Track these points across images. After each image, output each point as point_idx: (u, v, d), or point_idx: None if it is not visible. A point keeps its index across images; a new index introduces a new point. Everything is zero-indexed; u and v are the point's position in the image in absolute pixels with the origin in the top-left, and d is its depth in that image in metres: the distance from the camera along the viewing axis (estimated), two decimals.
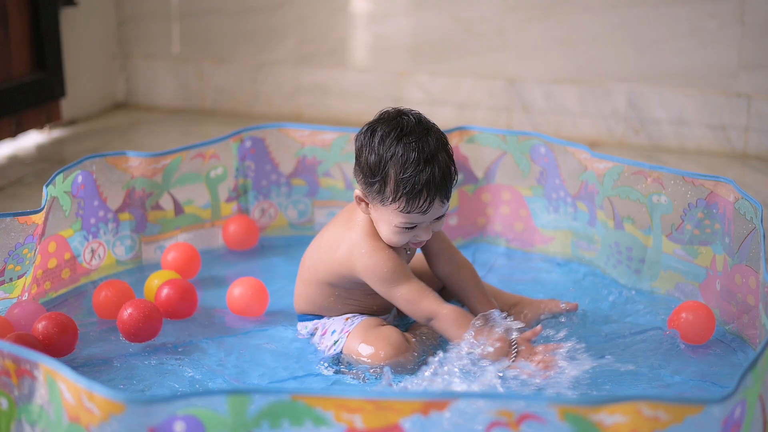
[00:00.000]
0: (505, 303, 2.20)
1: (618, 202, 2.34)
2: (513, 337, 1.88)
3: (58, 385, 1.45)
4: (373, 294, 2.03)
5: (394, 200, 1.90)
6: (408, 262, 2.09)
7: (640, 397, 1.33)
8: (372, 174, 1.91)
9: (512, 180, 2.55)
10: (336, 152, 2.57)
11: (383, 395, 1.35)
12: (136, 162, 2.38)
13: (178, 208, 2.47)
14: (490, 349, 1.83)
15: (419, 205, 1.89)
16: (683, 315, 2.10)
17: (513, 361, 1.85)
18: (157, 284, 2.22)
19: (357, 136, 1.98)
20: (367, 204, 1.97)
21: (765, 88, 3.34)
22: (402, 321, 2.18)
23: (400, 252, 2.01)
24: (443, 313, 1.91)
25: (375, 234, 1.98)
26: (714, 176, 2.19)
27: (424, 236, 1.95)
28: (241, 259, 2.52)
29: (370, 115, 2.01)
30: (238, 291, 2.21)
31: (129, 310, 2.04)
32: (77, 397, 1.41)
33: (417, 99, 3.65)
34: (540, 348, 1.88)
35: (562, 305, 2.20)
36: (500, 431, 1.35)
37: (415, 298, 1.94)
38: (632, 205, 2.32)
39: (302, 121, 3.73)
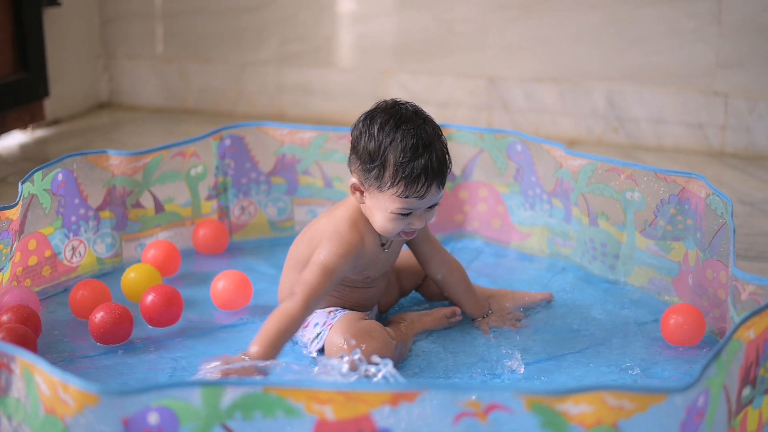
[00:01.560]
0: (481, 296, 2.24)
1: (592, 198, 2.37)
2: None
3: (35, 377, 1.47)
4: (354, 288, 2.06)
5: (392, 185, 1.93)
6: (392, 263, 2.12)
7: (605, 386, 1.36)
8: (371, 160, 1.94)
9: (489, 177, 2.58)
10: (315, 150, 2.60)
11: (353, 387, 1.37)
12: (116, 160, 2.40)
13: (159, 206, 2.50)
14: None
15: (417, 190, 1.92)
16: (675, 319, 2.10)
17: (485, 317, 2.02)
18: (134, 277, 2.25)
19: (355, 125, 2.01)
20: (362, 193, 1.99)
21: (742, 86, 3.38)
22: (382, 317, 2.21)
23: (375, 250, 2.03)
24: (290, 308, 1.89)
25: (356, 222, 2.01)
26: (686, 172, 2.22)
27: (418, 224, 1.98)
28: (220, 258, 2.54)
29: (353, 113, 2.04)
30: (221, 284, 2.23)
31: (100, 314, 2.05)
32: (53, 389, 1.43)
33: (399, 98, 3.67)
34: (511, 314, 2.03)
35: (539, 297, 2.26)
36: (468, 421, 1.37)
37: (305, 288, 1.92)
38: (606, 202, 2.35)
39: (285, 121, 3.75)
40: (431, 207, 1.99)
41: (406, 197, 1.93)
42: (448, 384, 1.38)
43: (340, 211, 2.05)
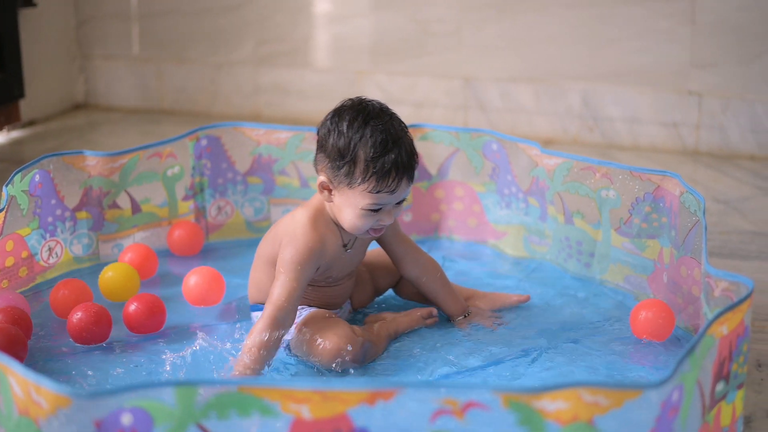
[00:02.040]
0: (455, 300, 2.24)
1: (568, 197, 2.38)
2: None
3: (8, 379, 1.46)
4: (318, 288, 2.07)
5: (363, 180, 1.93)
6: (356, 263, 2.13)
7: (581, 383, 1.37)
8: (341, 156, 1.95)
9: (465, 176, 2.59)
10: (291, 151, 2.60)
11: (330, 386, 1.38)
12: (93, 161, 2.40)
13: (136, 207, 2.49)
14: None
15: (388, 185, 1.93)
16: (644, 314, 2.11)
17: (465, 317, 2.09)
18: (111, 276, 2.24)
19: (322, 123, 2.01)
20: (330, 191, 2.00)
21: (716, 86, 3.40)
22: (356, 316, 2.21)
23: (337, 250, 2.04)
24: (266, 321, 1.91)
25: (317, 220, 2.02)
26: (660, 171, 2.24)
27: (387, 220, 1.99)
28: (196, 259, 2.54)
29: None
30: (193, 281, 2.23)
31: (78, 314, 2.05)
32: (26, 391, 1.43)
33: (375, 98, 3.67)
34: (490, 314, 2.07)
35: (514, 298, 2.26)
36: (445, 419, 1.38)
37: (280, 294, 1.94)
38: (582, 200, 2.37)
39: (261, 121, 3.75)
40: (399, 203, 2.00)
41: (377, 192, 1.94)
42: (425, 382, 1.39)
43: (300, 212, 2.05)
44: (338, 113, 1.99)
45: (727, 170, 3.31)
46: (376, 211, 1.97)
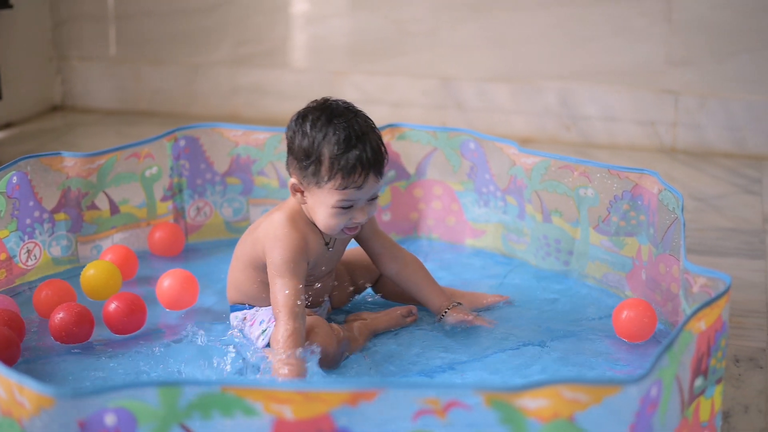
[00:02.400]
0: (436, 298, 2.24)
1: (546, 195, 2.39)
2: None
3: None
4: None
5: (330, 178, 1.94)
6: (336, 261, 2.13)
7: (560, 380, 1.38)
8: (306, 157, 1.96)
9: (443, 175, 2.59)
10: (269, 151, 2.60)
11: (312, 386, 1.38)
12: (71, 162, 2.39)
13: (114, 208, 2.49)
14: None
15: (354, 180, 1.94)
16: (626, 313, 2.11)
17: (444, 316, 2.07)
18: (93, 274, 2.24)
19: (288, 126, 2.03)
20: (302, 193, 2.00)
21: (692, 84, 3.43)
22: (334, 315, 2.22)
23: (319, 248, 2.05)
24: (283, 326, 1.92)
25: (296, 221, 2.02)
26: (638, 169, 2.25)
27: (360, 217, 1.99)
28: (176, 260, 2.54)
29: None
30: (167, 283, 2.22)
31: (60, 314, 2.05)
32: (9, 392, 1.43)
33: (352, 98, 3.63)
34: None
35: (494, 298, 2.26)
36: (427, 419, 1.38)
37: (283, 297, 1.95)
38: (560, 199, 2.38)
39: (239, 122, 3.75)
40: (372, 200, 2.00)
41: (344, 189, 1.94)
42: (407, 382, 1.40)
43: (277, 214, 2.05)
44: (302, 115, 2.01)
45: (704, 168, 3.33)
46: (347, 208, 1.98)
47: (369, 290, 2.33)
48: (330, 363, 1.95)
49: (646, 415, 1.44)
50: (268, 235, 2.02)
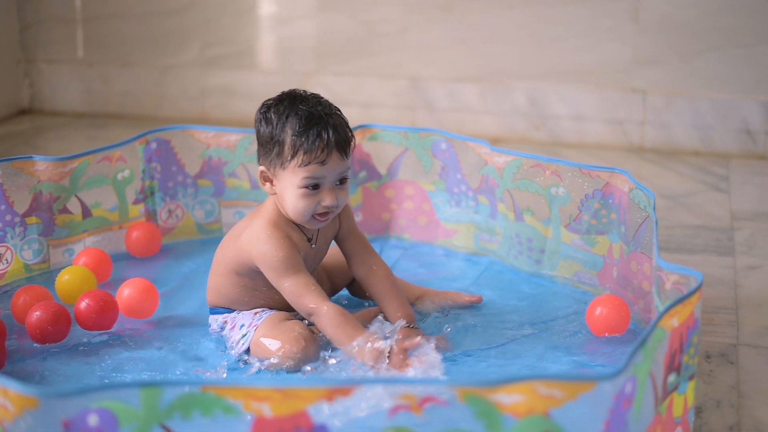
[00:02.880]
0: (410, 295, 2.26)
1: (518, 194, 2.41)
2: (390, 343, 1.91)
3: None
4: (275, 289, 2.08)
5: (293, 156, 1.96)
6: (319, 260, 2.14)
7: (536, 376, 1.39)
8: (270, 139, 1.99)
9: (415, 175, 2.61)
10: (241, 153, 2.61)
11: (289, 383, 1.39)
12: (42, 166, 2.38)
13: (86, 212, 2.48)
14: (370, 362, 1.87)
15: (317, 156, 1.95)
16: (600, 310, 2.12)
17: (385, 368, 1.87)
18: (68, 279, 2.24)
19: (255, 119, 2.06)
20: (271, 182, 2.02)
21: (659, 83, 3.46)
22: None
23: (304, 246, 2.05)
24: (323, 311, 1.95)
25: (277, 223, 2.03)
26: (609, 168, 2.27)
27: (328, 200, 1.99)
28: (152, 261, 2.53)
29: None
30: (126, 292, 2.20)
31: (37, 313, 2.05)
32: None
33: None
34: (411, 360, 1.87)
35: (467, 298, 2.27)
36: (403, 414, 1.40)
37: (300, 292, 1.97)
38: (531, 197, 2.40)
39: (209, 124, 3.75)
40: (341, 183, 2.01)
41: (307, 165, 1.96)
42: (383, 378, 1.41)
43: (257, 221, 2.05)
44: (266, 104, 2.05)
45: (672, 166, 3.36)
46: (314, 189, 1.98)
47: (344, 291, 2.34)
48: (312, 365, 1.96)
49: (621, 410, 1.46)
50: (253, 243, 2.02)
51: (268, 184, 2.04)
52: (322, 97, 2.05)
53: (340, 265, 2.28)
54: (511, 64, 3.57)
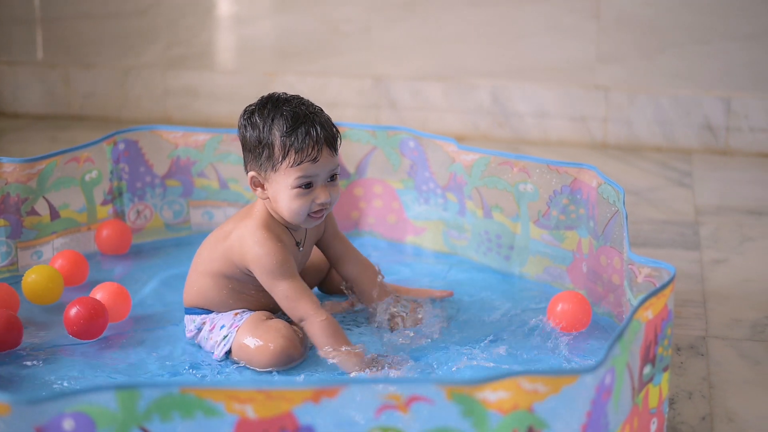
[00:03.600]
0: (382, 292, 2.27)
1: (486, 191, 2.42)
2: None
3: None
4: (263, 291, 2.08)
5: (284, 157, 1.96)
6: (305, 263, 2.14)
7: (520, 372, 1.40)
8: (258, 143, 1.99)
9: (383, 174, 2.61)
10: (209, 153, 2.60)
11: (273, 385, 1.39)
12: (10, 168, 2.36)
13: (54, 213, 2.47)
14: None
15: (308, 154, 1.96)
16: (561, 306, 2.15)
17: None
18: (34, 279, 2.23)
19: (238, 125, 2.06)
20: (262, 187, 2.02)
21: (621, 80, 3.49)
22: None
23: (293, 249, 2.06)
24: (318, 320, 1.96)
25: (269, 225, 2.03)
26: (577, 164, 2.29)
27: (323, 197, 2.00)
28: (124, 259, 2.52)
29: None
30: (99, 296, 2.18)
31: None
32: None
33: None
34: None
35: (437, 293, 2.29)
36: (390, 414, 1.40)
37: (294, 296, 1.99)
38: (500, 194, 2.41)
39: (172, 124, 3.73)
40: (332, 180, 2.02)
41: (299, 164, 1.96)
42: (369, 378, 1.41)
43: (249, 222, 2.05)
44: (249, 110, 2.04)
45: (635, 162, 3.39)
46: (307, 188, 1.99)
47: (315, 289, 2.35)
48: (294, 363, 1.96)
49: (602, 402, 1.47)
50: (247, 245, 2.01)
51: (259, 189, 2.03)
52: (303, 98, 2.06)
53: (314, 264, 2.29)
54: (474, 63, 3.58)
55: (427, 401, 1.40)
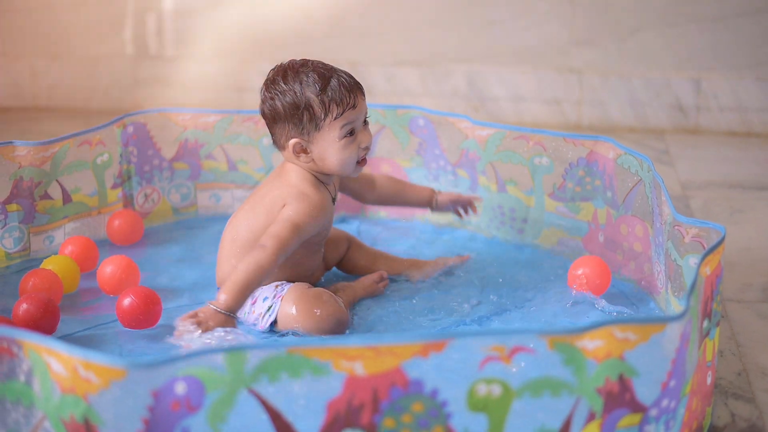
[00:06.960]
0: (399, 266, 2.32)
1: (500, 166, 2.47)
2: None
3: (44, 358, 1.44)
4: (309, 256, 2.12)
5: (326, 114, 2.04)
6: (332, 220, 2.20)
7: (612, 321, 1.45)
8: (296, 109, 2.04)
9: (392, 153, 2.64)
10: (219, 134, 2.60)
11: (382, 340, 1.41)
12: (23, 151, 2.34)
13: (66, 197, 2.45)
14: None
15: (348, 102, 2.06)
16: (581, 270, 2.21)
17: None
18: (51, 269, 2.20)
19: (262, 101, 2.10)
20: (306, 152, 2.07)
21: (595, 63, 3.57)
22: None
23: (329, 206, 2.13)
24: (269, 256, 1.96)
25: (315, 185, 2.10)
26: (593, 136, 2.35)
27: (366, 140, 2.10)
28: (137, 247, 2.51)
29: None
30: (108, 270, 2.20)
31: (24, 306, 2.01)
32: (70, 368, 1.41)
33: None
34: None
35: (453, 259, 2.37)
36: (494, 365, 1.43)
37: (281, 232, 2.00)
38: (515, 169, 2.46)
39: None
40: (365, 123, 2.12)
41: (343, 114, 2.05)
42: (473, 331, 1.44)
43: (293, 175, 2.11)
44: (270, 81, 2.09)
45: None
46: (352, 135, 2.07)
47: (334, 269, 2.37)
48: (342, 330, 1.99)
49: (683, 350, 1.53)
50: (291, 193, 2.07)
51: (302, 155, 2.07)
52: (309, 59, 2.12)
53: (333, 241, 2.32)
54: (449, 47, 3.63)
55: (529, 351, 1.44)
